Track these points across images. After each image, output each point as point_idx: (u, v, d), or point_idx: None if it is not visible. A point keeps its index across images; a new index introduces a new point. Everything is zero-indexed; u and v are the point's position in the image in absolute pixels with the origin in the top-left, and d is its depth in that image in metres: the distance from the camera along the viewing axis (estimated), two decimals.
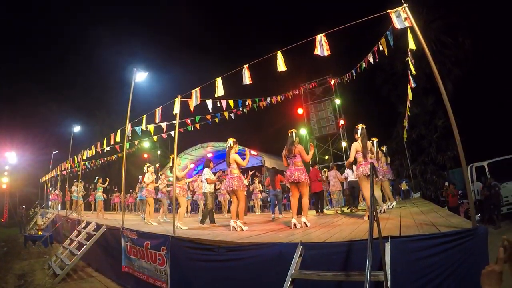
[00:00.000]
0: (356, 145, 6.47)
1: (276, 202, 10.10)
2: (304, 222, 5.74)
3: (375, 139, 7.77)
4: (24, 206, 26.60)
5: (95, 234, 8.10)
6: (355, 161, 6.55)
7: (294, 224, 5.74)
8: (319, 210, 9.81)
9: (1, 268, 9.47)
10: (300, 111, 24.71)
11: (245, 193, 6.86)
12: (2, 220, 30.05)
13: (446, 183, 13.64)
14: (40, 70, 50.58)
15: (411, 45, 4.99)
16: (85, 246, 7.97)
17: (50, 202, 22.40)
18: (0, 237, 18.24)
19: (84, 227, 9.29)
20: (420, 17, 17.48)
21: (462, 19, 18.07)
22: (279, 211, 10.35)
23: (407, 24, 4.33)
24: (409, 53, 6.97)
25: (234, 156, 6.47)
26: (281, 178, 10.03)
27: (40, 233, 12.47)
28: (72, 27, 55.56)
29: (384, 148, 10.00)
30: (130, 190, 19.64)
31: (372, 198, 3.51)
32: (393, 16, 4.43)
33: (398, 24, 4.41)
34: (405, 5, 4.31)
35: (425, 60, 4.18)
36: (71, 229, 10.96)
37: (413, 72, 7.46)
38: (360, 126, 6.57)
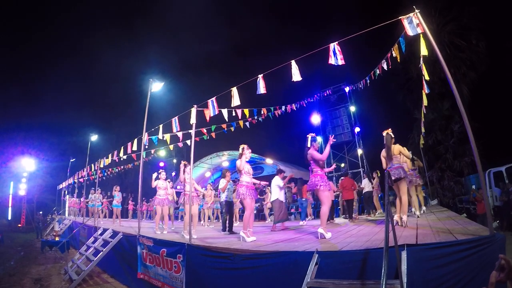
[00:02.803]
0: (383, 151, 6.42)
1: (300, 210, 10.15)
2: (321, 233, 5.24)
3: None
4: (41, 212, 27.20)
5: (111, 241, 8.18)
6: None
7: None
8: (349, 217, 9.91)
9: (18, 272, 9.62)
10: (315, 119, 24.51)
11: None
12: (20, 225, 30.65)
13: (473, 187, 13.26)
14: (59, 79, 51.84)
15: (424, 51, 4.95)
16: (101, 253, 8.02)
17: (67, 209, 22.80)
18: (18, 241, 18.63)
19: (101, 234, 9.38)
20: (433, 20, 17.33)
21: (474, 21, 17.81)
22: (302, 218, 10.45)
23: (419, 30, 4.31)
24: (421, 59, 6.92)
25: (243, 163, 6.31)
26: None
27: (57, 238, 12.66)
28: (90, 38, 56.77)
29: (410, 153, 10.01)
30: (144, 198, 19.86)
31: (388, 206, 3.51)
32: (405, 23, 4.42)
33: (410, 31, 4.40)
34: (416, 11, 4.30)
35: (440, 64, 4.15)
36: (88, 236, 11.10)
37: (427, 77, 7.38)
38: (385, 132, 6.49)
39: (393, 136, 6.44)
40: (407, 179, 6.27)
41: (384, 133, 6.50)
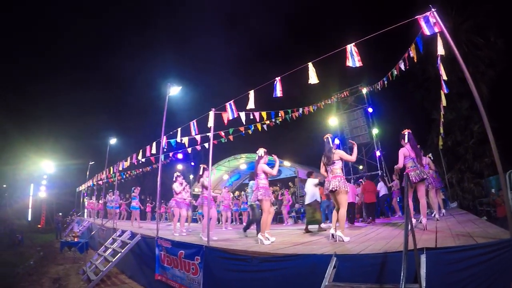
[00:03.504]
0: (404, 151, 6.24)
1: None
2: (340, 236, 5.28)
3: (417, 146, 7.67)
4: (60, 214, 27.70)
5: (129, 242, 8.27)
6: (403, 168, 6.38)
7: (332, 235, 5.43)
8: (371, 219, 9.89)
9: (37, 271, 9.84)
10: (332, 120, 24.21)
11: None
12: (39, 226, 31.29)
13: (493, 190, 12.92)
14: (78, 84, 52.84)
15: (441, 50, 4.87)
16: (119, 254, 8.11)
17: (86, 211, 23.18)
18: (37, 242, 19.01)
19: (119, 235, 9.51)
20: (449, 18, 16.99)
21: (491, 18, 17.41)
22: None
23: (436, 29, 4.26)
24: (439, 58, 6.81)
25: (262, 166, 6.32)
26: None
27: (76, 239, 12.84)
28: (109, 44, 57.71)
29: (430, 155, 9.87)
30: (163, 201, 20.08)
31: (407, 208, 3.47)
32: (422, 22, 4.37)
33: (427, 30, 4.34)
34: (433, 9, 4.25)
35: (458, 63, 4.08)
36: (106, 237, 11.25)
37: (445, 77, 7.27)
38: (406, 131, 6.44)
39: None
40: (426, 181, 6.21)
41: (405, 132, 6.46)
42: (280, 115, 10.94)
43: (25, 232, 20.98)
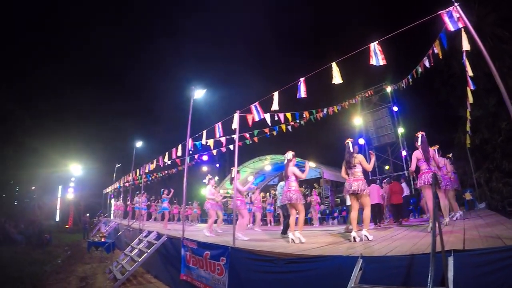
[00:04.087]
0: (417, 153, 6.29)
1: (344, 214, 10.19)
2: (365, 236, 5.46)
3: (435, 147, 7.53)
4: (88, 214, 28.45)
5: (156, 243, 8.41)
6: (417, 170, 6.37)
7: (354, 238, 5.53)
8: (398, 221, 9.84)
9: (65, 270, 10.10)
10: (357, 120, 24.02)
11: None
12: (67, 226, 32.20)
13: None
14: (103, 89, 54.27)
15: (466, 46, 4.77)
16: (146, 254, 8.25)
17: (112, 212, 23.70)
18: (65, 241, 19.53)
19: (145, 236, 9.66)
20: (472, 12, 16.42)
21: None
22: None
23: (460, 25, 4.19)
24: (464, 54, 6.66)
25: (292, 168, 6.52)
26: None
27: (103, 239, 13.10)
28: (133, 46, 58.97)
29: (450, 155, 9.62)
30: (190, 202, 20.35)
31: (435, 209, 3.43)
32: (445, 17, 4.31)
33: (451, 26, 4.27)
34: (456, 4, 4.18)
35: (483, 57, 4.00)
36: (133, 238, 11.41)
37: (471, 73, 7.10)
38: (420, 134, 6.44)
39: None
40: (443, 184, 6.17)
41: (419, 135, 6.48)
42: (304, 115, 10.92)
43: (53, 232, 21.61)
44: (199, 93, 8.57)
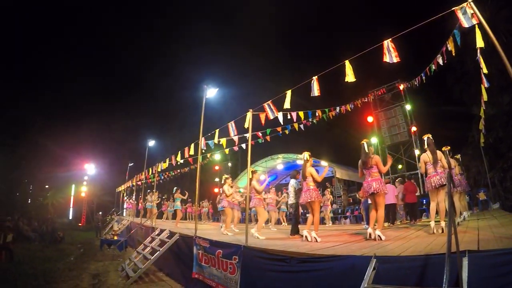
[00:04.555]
0: (424, 156, 6.30)
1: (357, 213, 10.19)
2: (378, 236, 5.51)
3: (447, 148, 7.46)
4: (100, 213, 28.81)
5: (168, 241, 8.45)
6: (425, 173, 6.35)
7: (370, 234, 5.64)
8: (413, 220, 9.85)
9: (78, 267, 10.15)
10: (370, 119, 23.77)
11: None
12: (80, 224, 32.64)
13: None
14: (117, 88, 55.00)
15: (480, 43, 4.72)
16: (158, 252, 8.29)
17: (125, 210, 23.94)
18: (78, 239, 19.72)
19: (158, 234, 9.72)
20: (485, 7, 16.22)
21: None
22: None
23: (474, 21, 4.15)
24: (478, 51, 6.57)
25: (310, 169, 6.57)
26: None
27: (115, 237, 13.24)
28: (147, 47, 59.57)
29: (458, 156, 9.50)
30: (202, 201, 20.44)
31: (450, 209, 3.40)
32: (459, 14, 4.26)
33: (465, 22, 4.22)
34: (469, 0, 4.14)
35: (497, 54, 3.95)
36: (145, 236, 11.51)
37: (485, 71, 6.99)
38: (425, 136, 6.44)
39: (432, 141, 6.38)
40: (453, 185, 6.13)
41: (425, 137, 6.48)
42: (317, 114, 10.90)
43: (66, 230, 21.91)
44: (211, 92, 8.65)
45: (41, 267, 9.66)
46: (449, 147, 7.58)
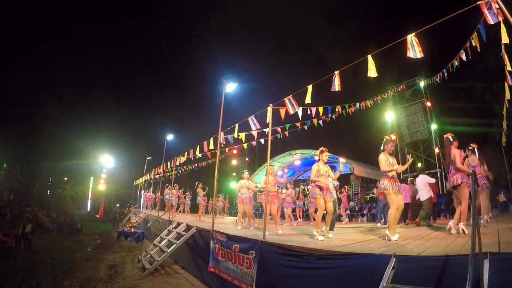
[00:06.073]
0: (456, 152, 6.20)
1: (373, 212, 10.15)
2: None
3: (474, 146, 7.33)
4: (118, 205, 29.23)
5: (185, 234, 8.55)
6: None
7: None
8: (433, 219, 9.82)
9: (95, 258, 10.39)
10: (389, 116, 23.41)
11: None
12: (98, 216, 33.28)
13: None
14: (135, 83, 55.61)
15: (505, 39, 4.56)
16: (174, 245, 8.39)
17: (142, 203, 24.26)
18: (95, 231, 20.22)
19: (175, 227, 9.86)
20: (509, 1, 15.79)
21: None
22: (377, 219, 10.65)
23: (500, 18, 4.03)
24: (503, 47, 6.37)
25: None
26: None
27: (132, 230, 13.40)
28: (167, 41, 59.98)
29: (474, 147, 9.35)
30: (219, 195, 20.57)
31: (474, 210, 3.33)
32: (485, 9, 4.13)
33: (491, 18, 4.08)
34: None
35: None
36: (162, 229, 11.63)
37: (509, 68, 6.79)
38: (445, 136, 6.30)
39: (451, 140, 6.18)
40: (468, 184, 5.96)
41: (444, 137, 6.34)
42: (337, 110, 10.82)
43: (84, 222, 22.46)
44: (230, 87, 8.69)
45: (59, 257, 9.89)
46: (476, 145, 7.43)
